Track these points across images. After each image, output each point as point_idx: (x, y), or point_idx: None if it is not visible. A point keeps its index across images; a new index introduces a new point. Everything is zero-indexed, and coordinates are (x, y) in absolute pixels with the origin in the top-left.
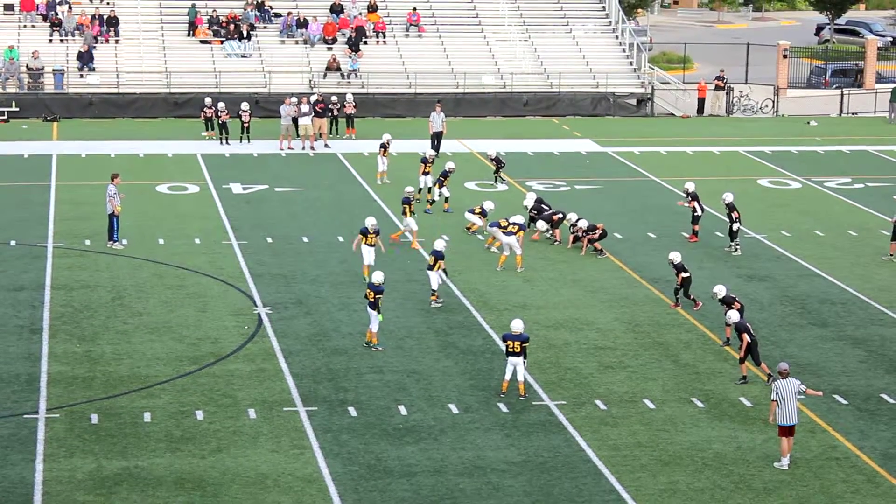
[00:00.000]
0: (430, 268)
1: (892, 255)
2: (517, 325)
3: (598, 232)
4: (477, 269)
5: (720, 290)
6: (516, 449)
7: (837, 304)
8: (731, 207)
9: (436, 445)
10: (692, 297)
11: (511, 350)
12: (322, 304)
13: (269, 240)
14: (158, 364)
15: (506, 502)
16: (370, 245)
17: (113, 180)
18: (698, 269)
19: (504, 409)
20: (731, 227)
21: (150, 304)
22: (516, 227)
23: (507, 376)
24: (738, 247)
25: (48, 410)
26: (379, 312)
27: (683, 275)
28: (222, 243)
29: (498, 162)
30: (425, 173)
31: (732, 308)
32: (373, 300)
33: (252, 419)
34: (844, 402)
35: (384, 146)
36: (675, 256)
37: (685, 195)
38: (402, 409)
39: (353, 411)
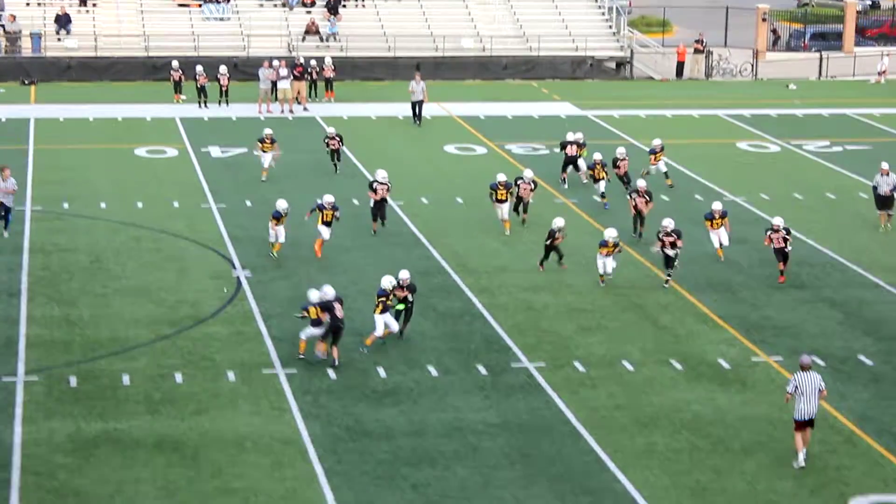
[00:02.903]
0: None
1: (886, 225)
2: (386, 282)
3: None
4: (455, 232)
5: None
6: (495, 411)
7: (816, 267)
8: (677, 234)
9: (415, 407)
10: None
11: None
12: (301, 267)
13: (248, 203)
14: (137, 327)
15: (485, 463)
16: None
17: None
18: None
19: (483, 371)
20: (670, 253)
21: (129, 268)
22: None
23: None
24: (670, 277)
25: (27, 373)
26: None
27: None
28: (201, 207)
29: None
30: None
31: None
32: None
33: (231, 382)
34: (822, 363)
35: (263, 140)
36: (403, 274)
37: (774, 230)
38: (382, 372)
39: (332, 374)
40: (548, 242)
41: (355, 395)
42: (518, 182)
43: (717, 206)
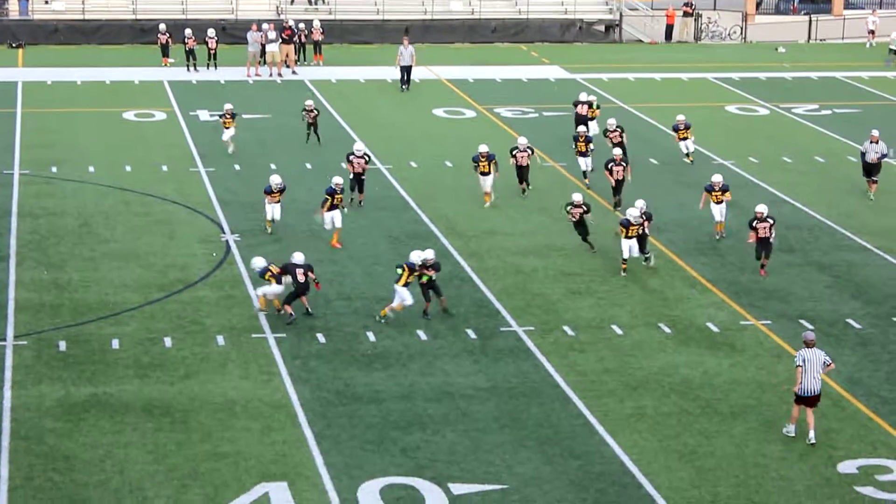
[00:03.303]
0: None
1: (871, 195)
2: (415, 257)
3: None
4: (444, 196)
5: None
6: (484, 375)
7: (804, 230)
8: (648, 217)
9: (404, 371)
10: None
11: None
12: (289, 232)
13: (237, 167)
14: (126, 291)
15: (474, 427)
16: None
17: None
18: (666, 195)
19: (472, 335)
20: (642, 234)
21: (118, 232)
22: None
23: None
24: (649, 257)
25: (16, 337)
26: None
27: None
28: (189, 170)
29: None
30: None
31: None
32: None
33: (220, 346)
34: (810, 327)
35: (224, 116)
36: (429, 254)
37: (759, 219)
38: (371, 336)
39: (321, 338)
40: (571, 220)
41: (344, 359)
42: (514, 153)
43: (717, 178)
